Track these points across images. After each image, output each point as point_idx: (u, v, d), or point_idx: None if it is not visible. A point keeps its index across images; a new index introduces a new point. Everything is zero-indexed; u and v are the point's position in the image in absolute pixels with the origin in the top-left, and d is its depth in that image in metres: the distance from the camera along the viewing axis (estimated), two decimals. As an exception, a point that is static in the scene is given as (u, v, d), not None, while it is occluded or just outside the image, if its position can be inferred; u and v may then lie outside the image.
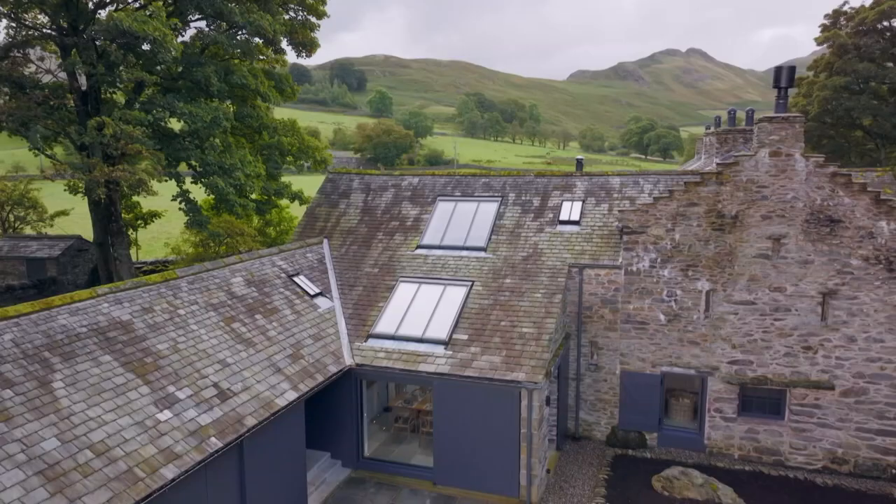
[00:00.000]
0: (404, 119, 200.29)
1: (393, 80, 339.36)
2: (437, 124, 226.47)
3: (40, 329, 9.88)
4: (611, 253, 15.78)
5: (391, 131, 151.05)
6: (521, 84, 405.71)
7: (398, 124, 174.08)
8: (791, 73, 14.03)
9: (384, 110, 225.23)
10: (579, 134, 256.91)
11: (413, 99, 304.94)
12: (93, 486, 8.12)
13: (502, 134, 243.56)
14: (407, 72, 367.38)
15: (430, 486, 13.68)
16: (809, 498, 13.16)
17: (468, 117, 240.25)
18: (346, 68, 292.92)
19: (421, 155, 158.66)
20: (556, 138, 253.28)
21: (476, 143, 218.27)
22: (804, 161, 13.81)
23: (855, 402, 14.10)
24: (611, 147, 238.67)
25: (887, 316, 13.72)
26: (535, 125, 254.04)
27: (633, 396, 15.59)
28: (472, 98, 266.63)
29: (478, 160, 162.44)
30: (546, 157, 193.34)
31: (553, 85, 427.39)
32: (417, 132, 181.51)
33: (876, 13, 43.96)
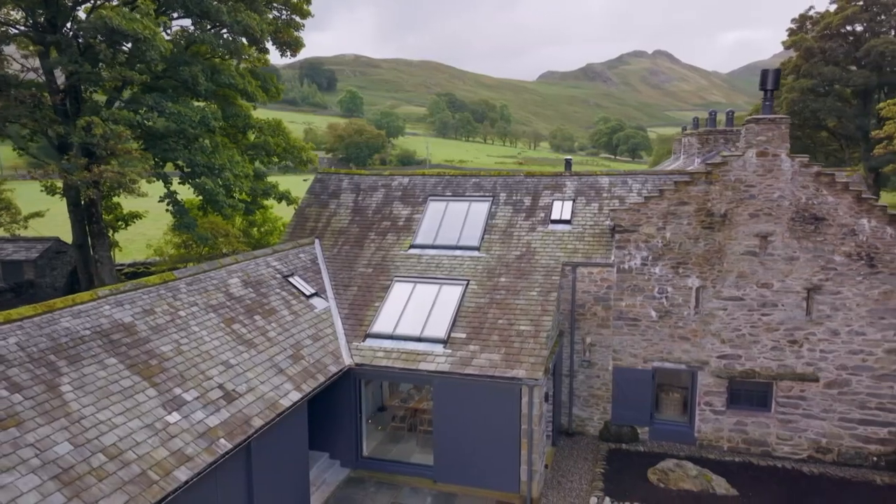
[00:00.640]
0: (376, 119, 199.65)
1: (363, 79, 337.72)
2: (408, 124, 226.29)
3: (44, 332, 9.71)
4: (603, 251, 16.08)
5: (363, 131, 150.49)
6: (492, 84, 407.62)
7: (370, 124, 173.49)
8: (777, 76, 14.50)
9: (355, 110, 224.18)
10: (549, 134, 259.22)
11: (384, 99, 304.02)
12: (108, 490, 8.03)
13: (473, 134, 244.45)
14: (377, 71, 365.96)
15: (431, 484, 13.78)
16: (797, 486, 13.63)
17: (439, 117, 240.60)
18: (315, 68, 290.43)
19: (393, 155, 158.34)
20: (526, 138, 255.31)
21: (448, 143, 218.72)
22: (790, 161, 14.30)
23: (838, 394, 14.64)
24: (580, 147, 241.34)
25: (868, 310, 14.28)
26: (505, 125, 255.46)
27: (626, 392, 15.92)
28: (443, 98, 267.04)
29: (450, 160, 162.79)
30: (517, 157, 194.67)
31: (523, 85, 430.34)
32: (389, 132, 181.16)
33: (840, 18, 45.46)
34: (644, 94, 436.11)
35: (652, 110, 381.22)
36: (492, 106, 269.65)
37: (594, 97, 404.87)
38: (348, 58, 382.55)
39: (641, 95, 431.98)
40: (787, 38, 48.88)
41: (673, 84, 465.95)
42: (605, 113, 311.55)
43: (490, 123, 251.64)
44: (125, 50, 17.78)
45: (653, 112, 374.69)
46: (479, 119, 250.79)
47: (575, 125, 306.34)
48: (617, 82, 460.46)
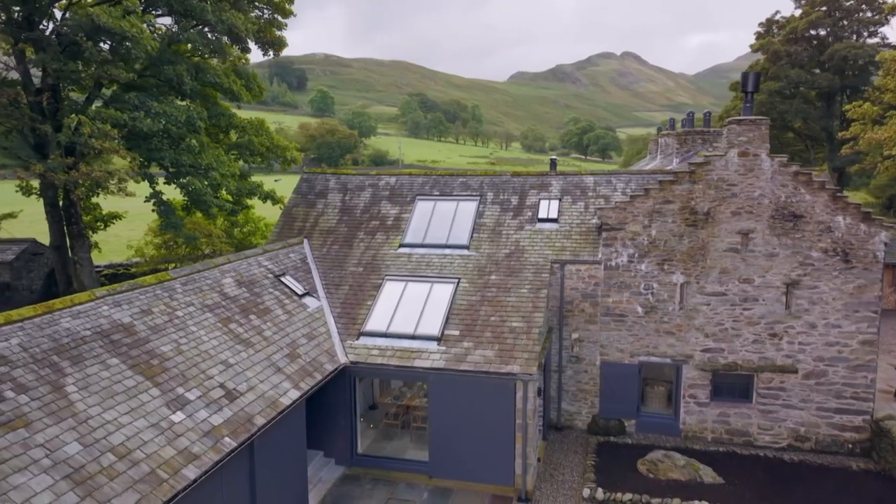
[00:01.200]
0: (348, 119, 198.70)
1: (334, 79, 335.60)
2: (380, 124, 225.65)
3: (45, 333, 9.63)
4: (590, 249, 16.45)
5: (335, 131, 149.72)
6: (463, 85, 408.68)
7: (342, 124, 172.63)
8: (756, 79, 15.04)
9: (326, 110, 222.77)
10: (521, 134, 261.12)
11: (355, 98, 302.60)
12: (120, 489, 8.04)
13: (445, 134, 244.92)
14: (348, 71, 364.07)
15: (426, 480, 13.96)
16: (779, 473, 14.17)
17: (411, 117, 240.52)
18: (285, 67, 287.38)
19: (365, 155, 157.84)
20: (498, 139, 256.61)
21: (420, 143, 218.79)
22: (770, 161, 14.84)
23: (815, 384, 15.24)
24: (551, 148, 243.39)
25: (843, 303, 14.90)
26: (477, 125, 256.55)
27: (613, 386, 16.31)
28: (415, 98, 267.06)
29: (422, 160, 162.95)
30: (489, 157, 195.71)
31: (494, 86, 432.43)
32: (361, 132, 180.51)
33: (805, 23, 46.88)
34: (613, 95, 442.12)
35: (620, 111, 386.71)
36: (463, 106, 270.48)
37: (564, 98, 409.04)
38: (318, 57, 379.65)
39: (610, 96, 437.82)
40: (755, 41, 50.25)
41: (641, 85, 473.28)
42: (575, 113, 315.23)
43: (462, 124, 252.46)
44: (109, 48, 17.49)
45: (621, 113, 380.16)
46: (451, 119, 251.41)
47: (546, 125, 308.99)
48: (586, 83, 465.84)
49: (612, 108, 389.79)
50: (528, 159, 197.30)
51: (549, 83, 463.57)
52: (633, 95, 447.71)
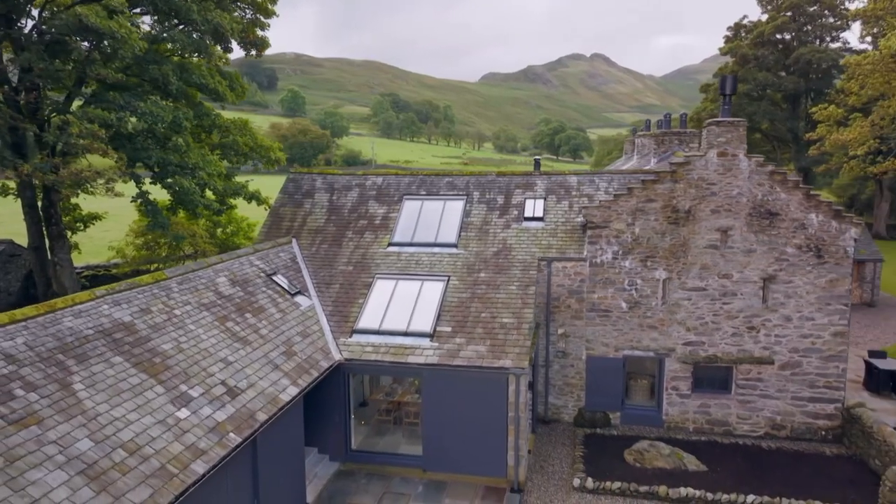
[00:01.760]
0: (320, 119, 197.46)
1: (305, 78, 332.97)
2: (352, 124, 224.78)
3: (49, 332, 9.67)
4: (575, 247, 16.92)
5: (307, 131, 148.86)
6: (434, 85, 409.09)
7: (314, 124, 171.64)
8: (734, 82, 15.67)
9: (297, 109, 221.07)
10: (493, 135, 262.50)
11: (326, 98, 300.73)
12: (133, 484, 8.16)
13: (418, 134, 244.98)
14: (319, 71, 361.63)
15: (420, 473, 14.23)
16: (758, 460, 14.79)
17: (384, 117, 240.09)
18: (255, 66, 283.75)
19: (338, 155, 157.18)
20: (470, 139, 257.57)
21: (392, 143, 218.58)
22: (747, 161, 15.48)
23: (791, 374, 15.93)
24: (523, 148, 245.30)
25: (817, 297, 15.61)
26: (450, 126, 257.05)
27: (598, 380, 16.79)
28: (387, 98, 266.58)
29: (395, 160, 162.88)
30: (462, 157, 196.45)
31: (465, 86, 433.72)
32: (334, 132, 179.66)
33: (771, 27, 48.33)
34: (582, 96, 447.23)
35: (590, 112, 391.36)
36: (435, 106, 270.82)
37: (535, 98, 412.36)
38: (289, 56, 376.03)
39: (580, 97, 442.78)
40: (724, 44, 51.61)
41: (610, 86, 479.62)
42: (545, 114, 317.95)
43: (434, 124, 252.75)
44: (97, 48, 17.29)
45: (591, 113, 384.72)
46: (424, 119, 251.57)
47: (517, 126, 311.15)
48: (557, 84, 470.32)
49: (582, 109, 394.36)
50: (501, 159, 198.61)
51: (521, 84, 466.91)
52: (603, 96, 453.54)
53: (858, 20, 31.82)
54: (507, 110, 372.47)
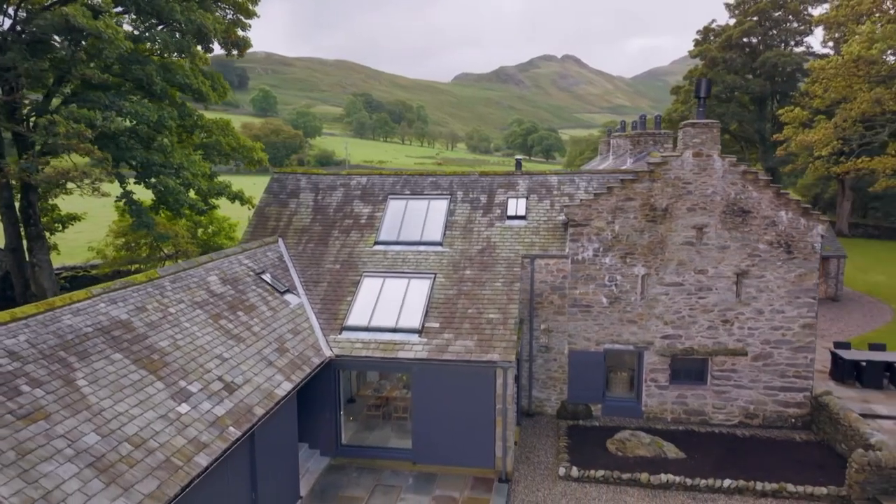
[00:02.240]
0: (292, 119, 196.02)
1: (276, 78, 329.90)
2: (325, 124, 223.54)
3: (49, 330, 9.78)
4: (557, 244, 17.42)
5: (280, 131, 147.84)
6: (407, 85, 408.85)
7: (286, 124, 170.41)
8: (708, 85, 16.35)
9: (269, 109, 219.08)
10: (466, 135, 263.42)
11: (298, 98, 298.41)
12: (140, 476, 8.36)
13: (391, 134, 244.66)
14: (291, 70, 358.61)
15: (410, 466, 14.57)
16: (734, 447, 15.46)
17: (357, 118, 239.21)
18: (226, 65, 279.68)
19: (311, 155, 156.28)
20: (444, 139, 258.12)
21: (366, 143, 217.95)
22: (721, 161, 16.15)
23: (763, 365, 16.66)
24: (496, 148, 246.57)
25: (787, 291, 16.36)
26: (423, 126, 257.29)
27: (580, 373, 17.32)
28: (360, 98, 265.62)
29: (369, 161, 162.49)
30: (436, 157, 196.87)
31: (438, 87, 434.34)
32: (306, 132, 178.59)
33: (739, 31, 49.70)
34: (554, 97, 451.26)
35: (562, 112, 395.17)
36: (409, 107, 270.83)
37: (507, 99, 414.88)
38: (260, 55, 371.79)
39: (552, 98, 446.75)
40: (694, 47, 52.90)
41: (581, 87, 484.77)
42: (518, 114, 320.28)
43: (408, 124, 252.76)
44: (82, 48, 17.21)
45: (563, 114, 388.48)
46: (397, 120, 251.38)
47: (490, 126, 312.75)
48: (529, 85, 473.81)
49: (554, 110, 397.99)
50: (474, 160, 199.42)
51: (493, 84, 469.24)
52: (574, 97, 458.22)
53: (821, 26, 33.04)
54: (480, 111, 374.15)
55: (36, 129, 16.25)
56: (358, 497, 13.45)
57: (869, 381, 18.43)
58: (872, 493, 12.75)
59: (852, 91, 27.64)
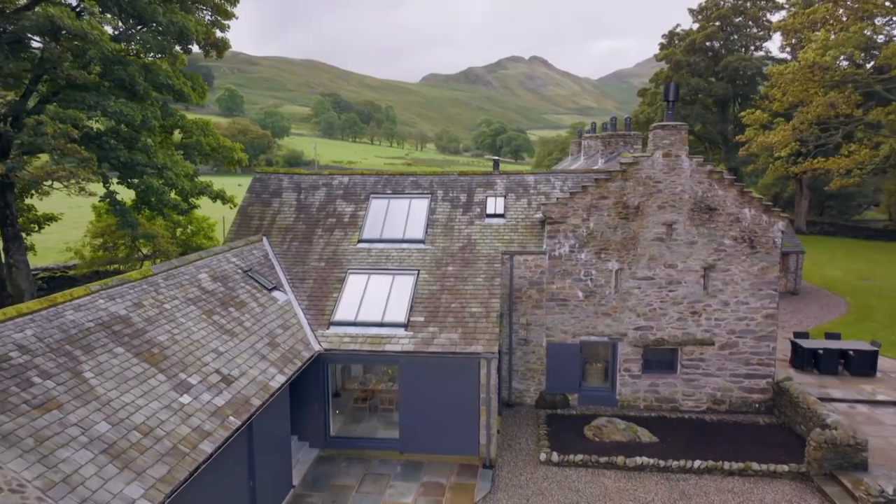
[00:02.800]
0: (260, 119, 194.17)
1: (242, 77, 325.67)
2: (293, 124, 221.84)
3: (54, 325, 10.07)
4: (535, 241, 18.14)
5: (247, 131, 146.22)
6: (376, 85, 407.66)
7: (254, 124, 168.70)
8: (676, 89, 17.24)
9: (235, 109, 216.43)
10: (435, 135, 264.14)
11: (265, 98, 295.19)
12: (151, 462, 8.76)
13: (360, 135, 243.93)
14: (257, 69, 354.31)
15: (398, 455, 15.11)
16: (703, 431, 16.38)
17: (325, 118, 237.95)
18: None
19: (279, 156, 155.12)
20: (413, 139, 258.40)
21: (335, 143, 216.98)
22: (689, 161, 17.08)
23: (729, 354, 17.64)
24: (465, 149, 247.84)
25: (750, 283, 17.37)
26: (392, 126, 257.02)
27: (558, 364, 18.07)
28: (328, 98, 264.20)
29: (338, 161, 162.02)
30: (405, 157, 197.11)
31: (407, 87, 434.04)
32: (274, 132, 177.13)
33: (702, 36, 51.34)
34: (522, 98, 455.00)
35: (530, 113, 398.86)
36: (377, 107, 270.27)
37: (476, 100, 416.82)
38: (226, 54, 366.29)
39: (519, 99, 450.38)
40: (660, 51, 54.43)
41: (548, 89, 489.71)
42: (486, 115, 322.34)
43: (377, 124, 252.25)
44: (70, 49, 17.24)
45: (530, 115, 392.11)
46: (366, 120, 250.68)
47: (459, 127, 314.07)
48: (497, 86, 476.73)
49: (522, 111, 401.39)
50: (444, 160, 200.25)
51: (461, 85, 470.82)
52: (541, 98, 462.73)
53: (779, 32, 34.55)
54: (449, 111, 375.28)
55: (23, 128, 16.26)
56: (349, 485, 13.94)
57: (825, 367, 19.61)
58: (829, 468, 13.76)
59: (808, 95, 29.08)
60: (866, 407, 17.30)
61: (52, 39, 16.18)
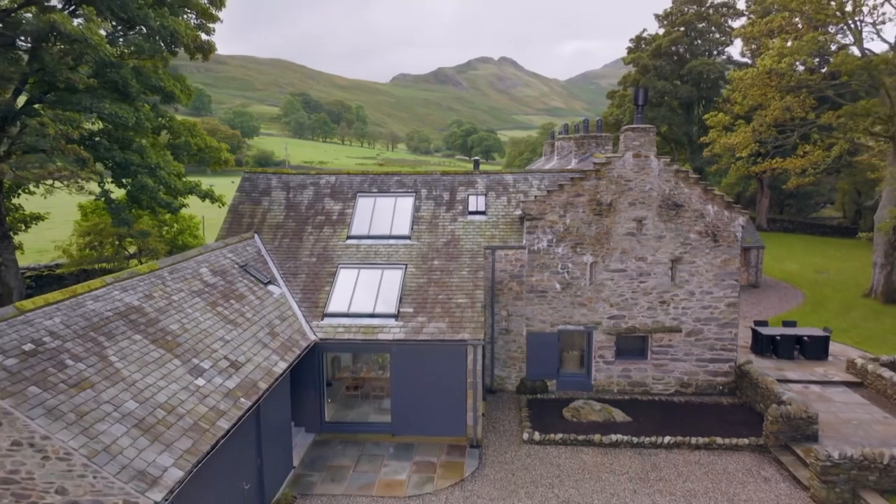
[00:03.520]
0: (228, 118, 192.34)
1: (209, 76, 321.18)
2: (262, 124, 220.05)
3: (78, 313, 10.79)
4: (515, 236, 19.26)
5: (216, 131, 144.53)
6: (345, 85, 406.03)
7: (223, 123, 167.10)
8: (645, 94, 18.53)
9: (202, 108, 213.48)
10: (406, 136, 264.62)
11: (233, 97, 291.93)
12: (177, 436, 9.58)
13: (330, 135, 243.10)
14: (224, 69, 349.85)
15: (390, 438, 16.06)
16: (671, 411, 17.70)
17: (295, 118, 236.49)
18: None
19: (249, 156, 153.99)
20: (384, 140, 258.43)
21: (305, 144, 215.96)
22: (657, 161, 18.38)
23: (695, 340, 19.00)
24: (436, 149, 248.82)
25: (714, 274, 18.75)
26: (362, 126, 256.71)
27: (537, 352, 19.22)
28: (298, 98, 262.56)
29: (309, 161, 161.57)
30: (377, 158, 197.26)
31: (377, 87, 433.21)
32: (244, 132, 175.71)
33: (667, 40, 53.26)
34: (492, 98, 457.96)
35: (500, 114, 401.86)
36: (347, 107, 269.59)
37: (446, 100, 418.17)
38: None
39: (489, 99, 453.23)
40: (627, 55, 56.24)
41: (518, 89, 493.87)
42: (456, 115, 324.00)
43: (347, 125, 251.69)
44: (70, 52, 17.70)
45: (500, 115, 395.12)
46: (336, 120, 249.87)
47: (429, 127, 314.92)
48: (466, 86, 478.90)
49: (492, 111, 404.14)
50: (415, 160, 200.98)
51: (431, 85, 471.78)
52: (511, 99, 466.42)
53: (739, 38, 36.34)
54: (419, 111, 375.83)
55: (25, 129, 16.70)
56: (346, 465, 14.86)
57: (783, 352, 21.16)
58: (784, 440, 15.16)
59: (766, 99, 30.84)
60: (818, 387, 18.84)
61: (55, 43, 16.65)
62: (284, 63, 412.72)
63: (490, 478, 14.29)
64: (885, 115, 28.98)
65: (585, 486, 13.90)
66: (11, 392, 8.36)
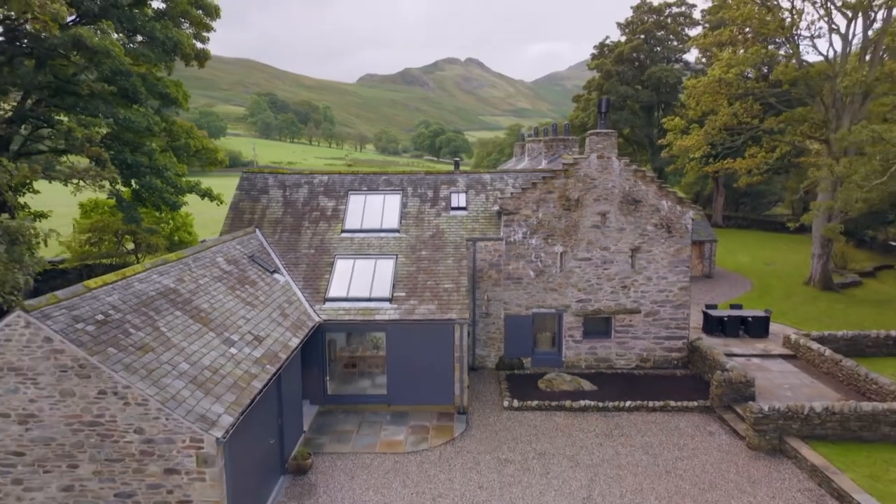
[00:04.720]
0: (195, 118, 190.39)
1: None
2: (229, 124, 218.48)
3: (129, 292, 12.58)
4: (493, 229, 21.47)
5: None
6: (312, 85, 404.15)
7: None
8: (608, 103, 20.96)
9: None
10: (374, 136, 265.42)
11: (198, 97, 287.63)
12: (223, 391, 11.49)
13: (298, 135, 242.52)
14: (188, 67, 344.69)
15: (386, 408, 18.10)
16: (633, 382, 20.11)
17: (261, 118, 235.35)
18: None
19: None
20: (352, 140, 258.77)
21: (273, 144, 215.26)
22: (618, 161, 20.80)
23: (653, 321, 21.48)
24: (404, 150, 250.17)
25: (668, 262, 21.26)
26: (330, 127, 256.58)
27: (514, 333, 21.46)
28: (264, 98, 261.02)
29: (278, 162, 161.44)
30: (345, 158, 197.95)
31: (343, 87, 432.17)
32: (211, 132, 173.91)
33: (629, 47, 56.24)
34: (459, 99, 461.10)
35: (467, 114, 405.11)
36: (314, 107, 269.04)
37: (413, 101, 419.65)
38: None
39: (456, 100, 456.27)
40: (591, 61, 59.14)
41: (484, 90, 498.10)
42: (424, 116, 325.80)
43: (315, 125, 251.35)
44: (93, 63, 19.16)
45: (468, 116, 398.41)
46: (303, 120, 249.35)
47: (397, 127, 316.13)
48: (433, 87, 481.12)
49: (459, 112, 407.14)
50: (384, 161, 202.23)
51: (398, 86, 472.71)
52: (478, 100, 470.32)
53: (694, 47, 39.29)
54: (386, 112, 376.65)
55: (52, 132, 18.15)
56: (349, 430, 16.86)
57: (730, 331, 23.86)
58: (727, 401, 17.68)
59: (717, 105, 33.76)
60: (759, 359, 21.54)
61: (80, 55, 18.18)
62: (250, 62, 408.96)
63: (477, 437, 16.46)
64: (820, 120, 32.13)
65: (558, 441, 16.18)
66: (96, 351, 10.19)
